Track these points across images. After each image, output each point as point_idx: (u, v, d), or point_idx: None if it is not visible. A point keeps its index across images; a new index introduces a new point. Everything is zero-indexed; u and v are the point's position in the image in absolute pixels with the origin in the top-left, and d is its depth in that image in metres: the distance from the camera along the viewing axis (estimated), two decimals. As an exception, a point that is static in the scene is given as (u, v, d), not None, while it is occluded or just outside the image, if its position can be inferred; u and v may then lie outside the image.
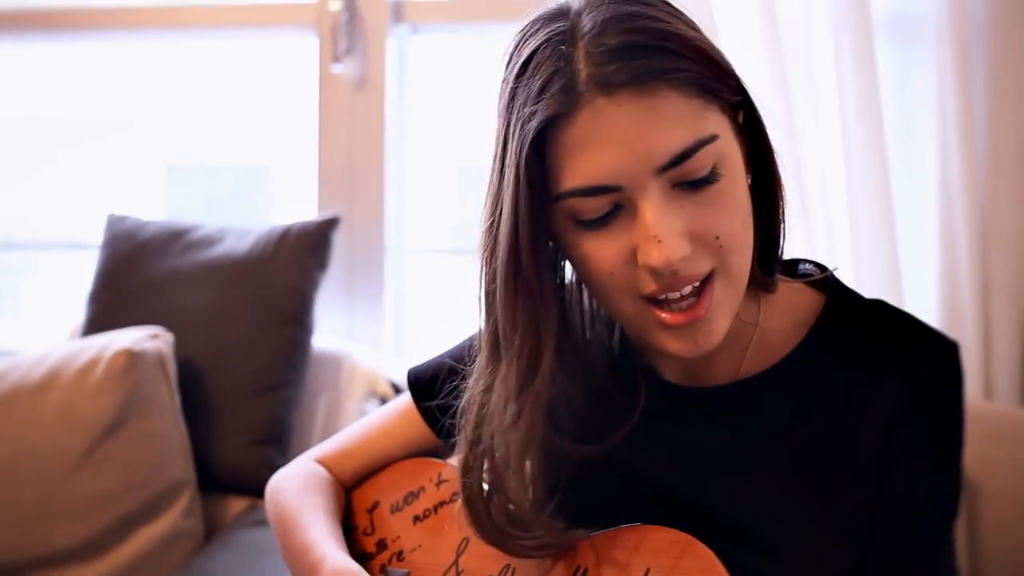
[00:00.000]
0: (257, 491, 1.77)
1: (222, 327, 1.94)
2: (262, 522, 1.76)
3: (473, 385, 1.01)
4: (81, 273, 2.13)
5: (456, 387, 1.06)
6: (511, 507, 1.01)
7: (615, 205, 0.91)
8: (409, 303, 2.35)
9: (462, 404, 1.04)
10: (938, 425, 1.00)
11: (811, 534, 0.99)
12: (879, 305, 1.05)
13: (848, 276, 1.76)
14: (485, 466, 1.01)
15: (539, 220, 0.92)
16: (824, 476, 1.00)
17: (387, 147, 2.23)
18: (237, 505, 1.90)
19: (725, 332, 0.95)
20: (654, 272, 0.90)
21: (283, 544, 1.20)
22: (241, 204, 2.67)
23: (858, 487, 0.99)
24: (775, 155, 0.99)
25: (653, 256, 0.89)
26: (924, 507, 0.99)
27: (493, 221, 0.95)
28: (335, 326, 2.22)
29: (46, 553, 1.77)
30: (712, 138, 0.89)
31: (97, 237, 2.13)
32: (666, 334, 0.94)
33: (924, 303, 1.77)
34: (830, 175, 1.80)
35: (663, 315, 0.93)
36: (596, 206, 0.91)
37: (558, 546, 1.01)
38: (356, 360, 2.02)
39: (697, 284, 0.92)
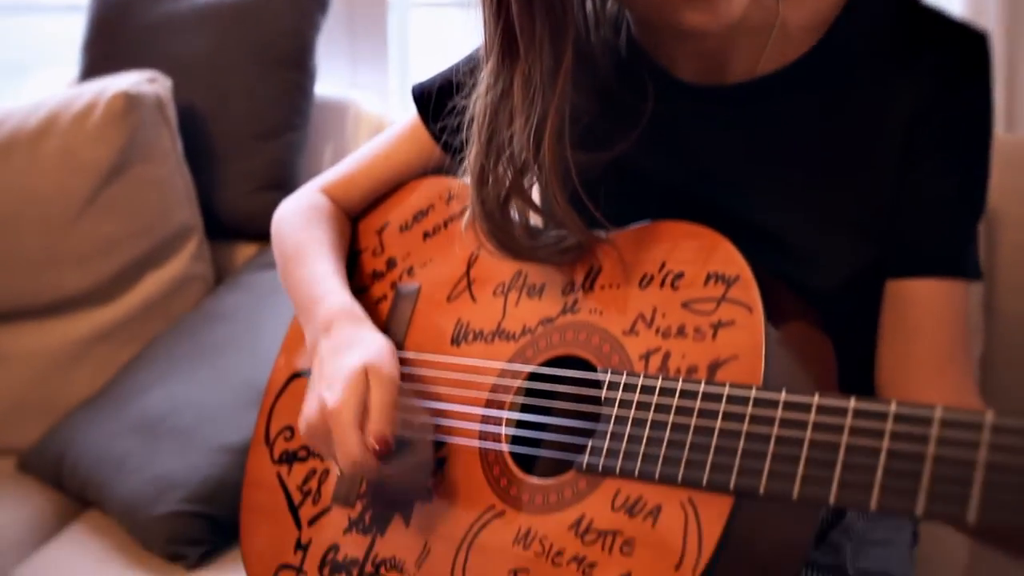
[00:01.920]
0: (265, 236, 1.74)
1: (221, 72, 1.88)
2: (271, 265, 1.75)
3: (484, 92, 0.97)
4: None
5: (465, 98, 1.02)
6: (529, 212, 0.99)
7: None
8: (414, 56, 2.28)
9: (470, 112, 1.00)
10: (965, 118, 0.96)
11: (827, 231, 0.98)
12: None
13: None
14: (502, 171, 0.98)
15: None
16: (844, 173, 0.98)
17: None
18: (246, 251, 1.89)
19: (745, 6, 0.90)
20: None
21: (285, 276, 1.19)
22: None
23: (879, 183, 0.97)
24: None
25: None
26: (948, 200, 0.97)
27: None
28: (338, 79, 2.16)
29: (58, 298, 1.78)
30: None
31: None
32: (686, 8, 0.89)
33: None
34: None
35: None
36: None
37: (577, 249, 0.99)
38: (361, 106, 1.97)
39: None
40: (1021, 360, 1.49)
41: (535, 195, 1.02)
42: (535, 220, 1.03)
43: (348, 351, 1.02)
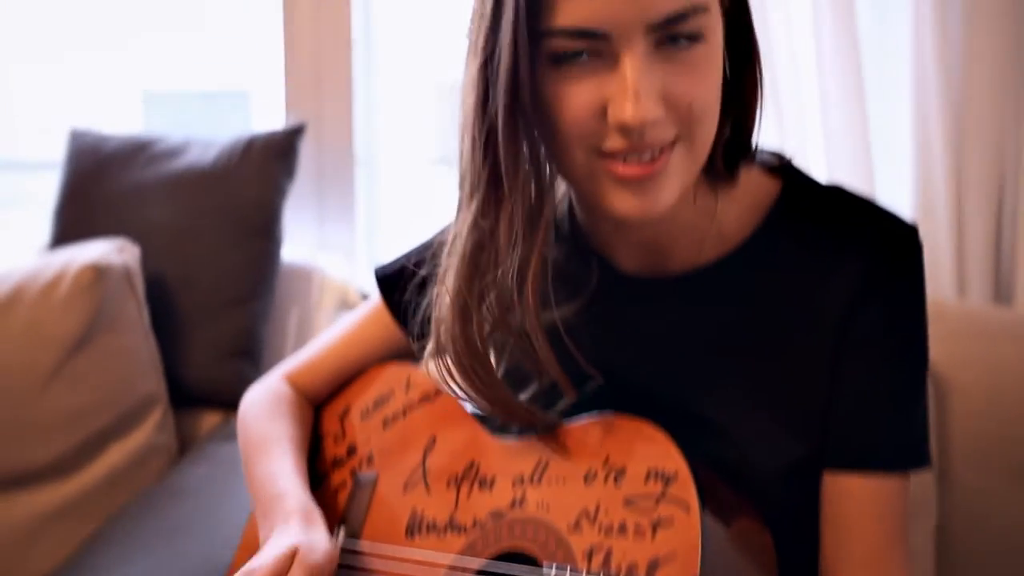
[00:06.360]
0: (229, 404, 1.76)
1: (189, 240, 1.91)
2: (235, 436, 1.75)
3: (467, 233, 0.96)
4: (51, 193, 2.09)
5: (425, 280, 1.05)
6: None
7: (593, 52, 0.88)
8: (382, 214, 2.33)
9: (447, 253, 1.00)
10: (898, 311, 0.99)
11: (763, 421, 0.99)
12: (836, 191, 1.04)
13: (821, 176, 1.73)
14: (486, 310, 0.98)
15: (535, 54, 0.89)
16: (777, 364, 1.00)
17: (354, 51, 2.17)
18: (210, 420, 1.89)
19: (673, 201, 0.92)
20: (623, 129, 0.88)
21: (247, 469, 1.20)
22: (220, 130, 2.62)
23: (814, 375, 0.99)
24: (757, 47, 0.97)
25: (628, 112, 0.86)
26: (879, 396, 0.98)
27: (485, 58, 0.90)
28: (306, 238, 2.19)
29: (20, 471, 1.76)
30: (704, 8, 0.88)
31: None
32: (615, 190, 0.92)
33: (898, 201, 1.75)
34: (802, 69, 1.77)
35: (618, 167, 0.90)
36: (575, 47, 0.88)
37: (543, 428, 1.01)
38: (326, 273, 2.00)
39: (657, 150, 0.90)
40: (976, 529, 1.50)
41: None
42: None
43: (288, 536, 1.01)
